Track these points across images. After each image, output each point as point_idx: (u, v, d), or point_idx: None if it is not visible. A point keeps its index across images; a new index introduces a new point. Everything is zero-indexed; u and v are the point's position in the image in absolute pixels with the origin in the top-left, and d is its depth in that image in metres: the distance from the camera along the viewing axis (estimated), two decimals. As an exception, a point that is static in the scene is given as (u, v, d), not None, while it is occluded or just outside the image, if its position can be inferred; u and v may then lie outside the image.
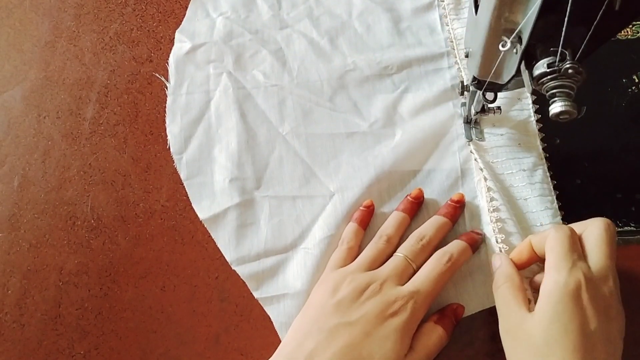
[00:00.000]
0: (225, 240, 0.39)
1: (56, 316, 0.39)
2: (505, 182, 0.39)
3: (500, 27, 0.27)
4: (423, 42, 0.46)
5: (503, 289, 0.31)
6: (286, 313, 0.36)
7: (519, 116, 0.42)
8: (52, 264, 0.40)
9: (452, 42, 0.45)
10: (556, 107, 0.25)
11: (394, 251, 0.36)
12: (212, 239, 0.40)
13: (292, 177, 0.41)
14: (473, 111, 0.38)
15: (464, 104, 0.41)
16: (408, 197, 0.39)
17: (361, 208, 0.39)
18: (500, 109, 0.38)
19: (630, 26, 0.44)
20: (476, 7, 0.29)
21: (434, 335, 0.33)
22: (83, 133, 0.45)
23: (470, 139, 0.40)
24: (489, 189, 0.38)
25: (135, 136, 0.45)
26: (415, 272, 0.35)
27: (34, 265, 0.40)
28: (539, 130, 0.41)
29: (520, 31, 0.26)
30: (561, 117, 0.26)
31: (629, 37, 0.43)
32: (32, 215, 0.42)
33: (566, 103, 0.25)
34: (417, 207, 0.39)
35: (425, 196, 0.39)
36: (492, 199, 0.37)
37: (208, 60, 0.47)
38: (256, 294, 0.38)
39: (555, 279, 0.28)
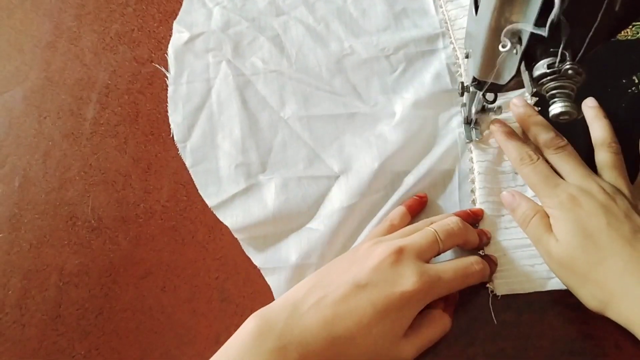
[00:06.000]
0: (233, 222, 0.40)
1: (56, 316, 0.39)
2: (501, 184, 0.39)
3: (501, 27, 0.27)
4: (418, 24, 0.47)
5: (535, 221, 0.34)
6: (287, 284, 0.37)
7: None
8: (53, 264, 0.40)
9: (446, 23, 0.46)
10: (556, 108, 0.25)
11: None
12: (213, 239, 0.40)
13: (296, 160, 0.42)
14: (473, 111, 0.38)
15: (464, 105, 0.41)
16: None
17: (414, 197, 0.39)
18: (501, 109, 0.38)
19: (630, 26, 0.44)
20: (476, 7, 0.29)
21: (441, 323, 0.33)
22: (84, 133, 0.45)
23: (470, 140, 0.40)
24: (474, 202, 0.39)
25: (136, 136, 0.45)
26: (439, 253, 0.34)
27: (35, 266, 0.40)
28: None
29: (520, 32, 0.26)
30: (561, 117, 0.26)
31: (629, 37, 0.43)
32: (32, 216, 0.42)
33: (566, 104, 0.25)
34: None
35: (425, 191, 0.40)
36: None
37: (207, 49, 0.47)
38: (258, 264, 0.38)
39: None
